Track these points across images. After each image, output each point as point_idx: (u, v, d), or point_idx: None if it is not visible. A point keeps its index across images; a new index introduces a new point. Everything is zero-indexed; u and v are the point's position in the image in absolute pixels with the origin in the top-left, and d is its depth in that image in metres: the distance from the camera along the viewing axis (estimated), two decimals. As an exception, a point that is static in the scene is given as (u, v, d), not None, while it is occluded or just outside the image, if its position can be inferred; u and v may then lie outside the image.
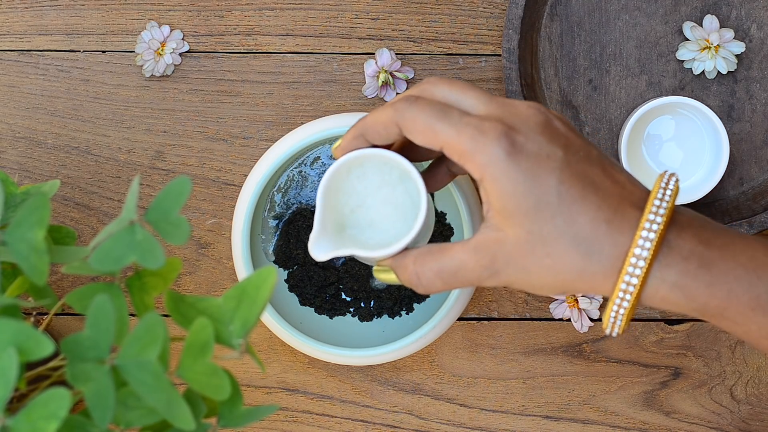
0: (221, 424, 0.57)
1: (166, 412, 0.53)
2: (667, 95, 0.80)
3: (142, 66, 0.82)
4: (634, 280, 0.55)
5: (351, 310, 0.81)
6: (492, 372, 0.83)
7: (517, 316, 0.82)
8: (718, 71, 0.80)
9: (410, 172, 0.61)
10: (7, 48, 0.83)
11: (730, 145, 0.79)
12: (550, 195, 0.55)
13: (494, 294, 0.82)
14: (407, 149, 0.62)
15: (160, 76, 0.82)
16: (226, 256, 0.82)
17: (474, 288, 0.77)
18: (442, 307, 0.75)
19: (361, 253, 0.61)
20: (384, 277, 0.62)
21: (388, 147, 0.61)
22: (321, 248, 0.62)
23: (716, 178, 0.78)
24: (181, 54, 0.82)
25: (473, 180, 0.59)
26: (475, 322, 0.82)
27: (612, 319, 0.57)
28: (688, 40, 0.81)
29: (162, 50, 0.82)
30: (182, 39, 0.82)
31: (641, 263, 0.55)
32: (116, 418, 0.54)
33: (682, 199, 0.78)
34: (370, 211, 0.63)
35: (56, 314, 0.78)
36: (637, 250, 0.55)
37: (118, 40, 0.83)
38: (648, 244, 0.55)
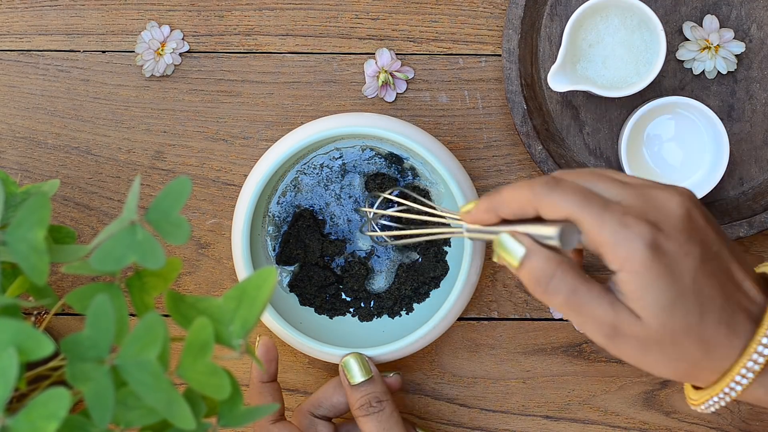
0: (221, 423, 0.57)
1: (166, 411, 0.53)
2: (667, 95, 0.80)
3: (142, 66, 0.82)
4: (739, 387, 0.59)
5: (351, 310, 0.81)
6: (492, 372, 0.83)
7: (517, 316, 0.82)
8: (718, 71, 0.80)
9: (652, 19, 0.69)
10: (7, 48, 0.83)
11: (730, 145, 0.79)
12: (686, 293, 0.58)
13: (494, 294, 0.82)
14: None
15: (160, 76, 0.82)
16: (226, 256, 0.82)
17: (474, 288, 0.77)
18: (442, 307, 0.76)
19: (595, 91, 0.74)
20: (503, 253, 0.61)
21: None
22: (559, 81, 0.75)
23: (716, 178, 0.78)
24: (181, 54, 0.82)
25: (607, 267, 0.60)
26: (475, 322, 0.82)
27: (704, 408, 0.61)
28: (688, 40, 0.81)
29: (162, 50, 0.82)
30: (182, 39, 0.82)
31: (750, 375, 0.58)
32: (116, 418, 0.55)
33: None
34: (605, 49, 0.71)
35: (56, 314, 0.78)
36: (750, 364, 0.58)
37: (118, 40, 0.83)
38: (761, 359, 0.58)
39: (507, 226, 0.62)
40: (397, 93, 0.82)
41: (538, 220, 0.61)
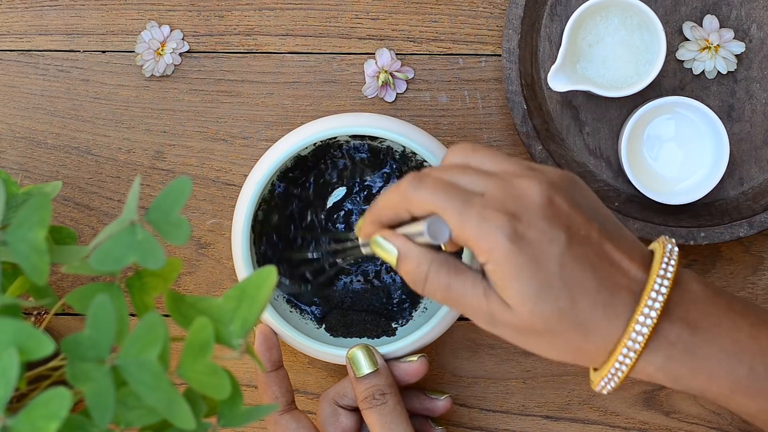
0: (221, 423, 0.57)
1: (166, 411, 0.53)
2: (667, 95, 0.80)
3: (142, 66, 0.82)
4: (624, 368, 0.59)
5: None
6: (492, 372, 0.83)
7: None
8: (718, 71, 0.80)
9: (652, 19, 0.70)
10: (7, 48, 0.83)
11: (730, 145, 0.79)
12: (553, 279, 0.58)
13: (494, 294, 0.82)
14: None
15: (160, 76, 0.83)
16: (226, 256, 0.82)
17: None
18: (442, 307, 0.75)
19: (595, 91, 0.74)
20: (382, 255, 0.62)
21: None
22: (559, 81, 0.75)
23: (716, 178, 0.78)
24: (181, 54, 0.82)
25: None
26: (475, 322, 0.82)
27: (599, 388, 0.61)
28: (687, 40, 0.81)
29: (162, 50, 0.82)
30: (182, 39, 0.82)
31: (632, 354, 0.58)
32: (116, 418, 0.55)
33: (682, 199, 0.78)
34: (606, 49, 0.71)
35: (56, 314, 0.78)
36: (630, 342, 0.58)
37: (118, 40, 0.83)
38: (640, 338, 0.58)
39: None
40: (397, 93, 0.82)
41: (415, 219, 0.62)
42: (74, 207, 0.82)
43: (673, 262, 0.60)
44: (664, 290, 0.58)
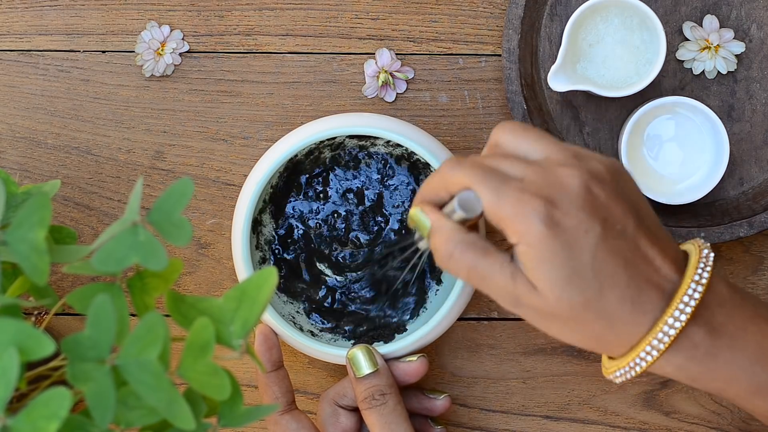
0: (221, 423, 0.57)
1: (167, 411, 0.53)
2: (667, 95, 0.80)
3: (142, 66, 0.82)
4: (643, 363, 0.59)
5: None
6: (492, 372, 0.83)
7: (517, 316, 0.82)
8: (718, 71, 0.80)
9: (652, 19, 0.71)
10: (7, 48, 0.83)
11: (730, 145, 0.79)
12: (584, 269, 0.58)
13: (494, 294, 0.82)
14: None
15: (160, 76, 0.83)
16: (226, 256, 0.82)
17: (474, 288, 0.77)
18: (442, 308, 0.75)
19: (595, 91, 0.74)
20: (418, 227, 0.63)
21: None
22: (559, 81, 0.75)
23: (716, 178, 0.78)
24: (181, 54, 0.82)
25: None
26: (475, 322, 0.82)
27: (613, 377, 0.61)
28: (687, 40, 0.81)
29: (162, 50, 0.82)
30: (182, 39, 0.82)
31: (654, 353, 0.59)
32: (116, 418, 0.55)
33: (682, 199, 0.78)
34: (606, 49, 0.71)
35: (56, 314, 0.78)
36: (654, 342, 0.58)
37: (118, 40, 0.83)
38: (666, 339, 0.58)
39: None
40: (397, 93, 0.82)
41: None
42: (74, 207, 0.82)
43: (708, 269, 0.60)
44: (697, 296, 0.58)
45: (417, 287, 0.79)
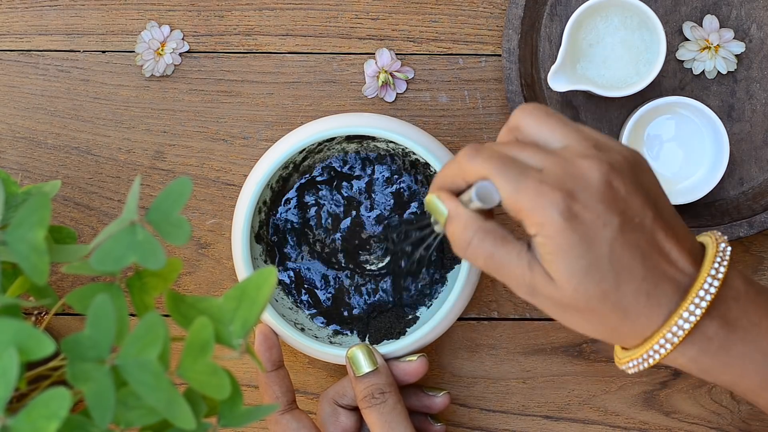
0: (221, 423, 0.57)
1: (167, 411, 0.53)
2: (667, 95, 0.80)
3: (142, 66, 0.82)
4: (657, 356, 0.60)
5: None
6: (492, 372, 0.83)
7: (517, 316, 0.82)
8: (718, 71, 0.80)
9: (652, 19, 0.71)
10: (7, 48, 0.83)
11: (730, 145, 0.79)
12: (601, 262, 0.58)
13: (494, 294, 0.82)
14: None
15: (160, 76, 0.83)
16: (226, 256, 0.82)
17: (474, 288, 0.77)
18: (442, 308, 0.76)
19: (595, 91, 0.75)
20: (435, 214, 0.63)
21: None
22: (559, 81, 0.76)
23: (716, 178, 0.78)
24: (181, 54, 0.82)
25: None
26: (475, 322, 0.82)
27: (626, 368, 0.62)
28: (687, 40, 0.81)
29: (162, 50, 0.82)
30: (182, 39, 0.82)
31: (668, 345, 0.59)
32: (116, 418, 0.55)
33: (682, 199, 0.78)
34: (605, 49, 0.72)
35: (56, 314, 0.78)
36: (669, 335, 0.59)
37: (118, 40, 0.83)
38: (681, 332, 0.59)
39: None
40: (397, 93, 0.82)
41: None
42: (74, 207, 0.82)
43: (725, 263, 0.60)
44: (713, 290, 0.59)
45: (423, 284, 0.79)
